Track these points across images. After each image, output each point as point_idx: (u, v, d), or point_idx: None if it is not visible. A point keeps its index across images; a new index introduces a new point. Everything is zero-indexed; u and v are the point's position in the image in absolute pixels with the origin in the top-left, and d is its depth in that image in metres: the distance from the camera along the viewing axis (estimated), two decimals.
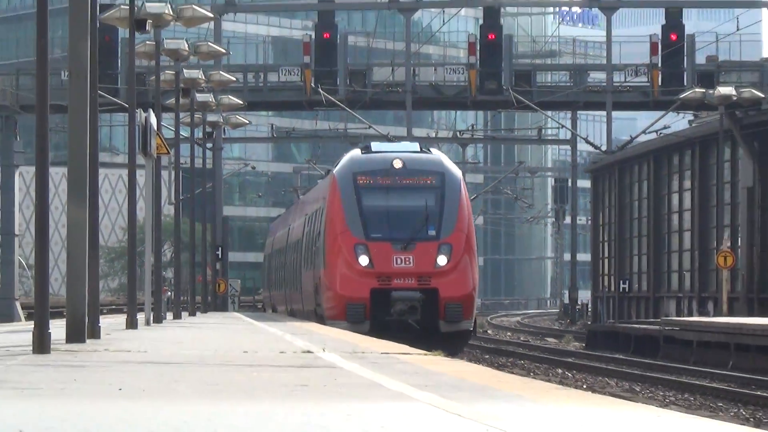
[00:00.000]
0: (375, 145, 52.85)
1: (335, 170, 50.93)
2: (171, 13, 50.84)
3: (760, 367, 58.89)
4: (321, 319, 54.66)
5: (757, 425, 37.63)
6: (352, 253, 46.76)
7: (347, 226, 48.37)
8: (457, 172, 50.95)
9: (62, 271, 33.99)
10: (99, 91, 37.76)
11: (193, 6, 57.59)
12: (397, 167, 47.18)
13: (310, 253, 60.58)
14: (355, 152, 56.80)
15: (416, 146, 54.71)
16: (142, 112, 52.06)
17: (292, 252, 77.49)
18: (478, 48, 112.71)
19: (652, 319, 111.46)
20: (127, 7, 46.32)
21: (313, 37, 77.85)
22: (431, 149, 56.82)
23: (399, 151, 50.96)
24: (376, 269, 47.05)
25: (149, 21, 48.85)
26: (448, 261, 44.48)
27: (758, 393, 51.53)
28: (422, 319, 47.01)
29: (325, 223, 51.48)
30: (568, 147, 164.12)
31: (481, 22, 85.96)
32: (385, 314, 45.58)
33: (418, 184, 48.32)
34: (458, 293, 43.99)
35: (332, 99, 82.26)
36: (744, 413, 44.07)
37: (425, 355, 35.83)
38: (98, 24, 36.85)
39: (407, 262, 46.51)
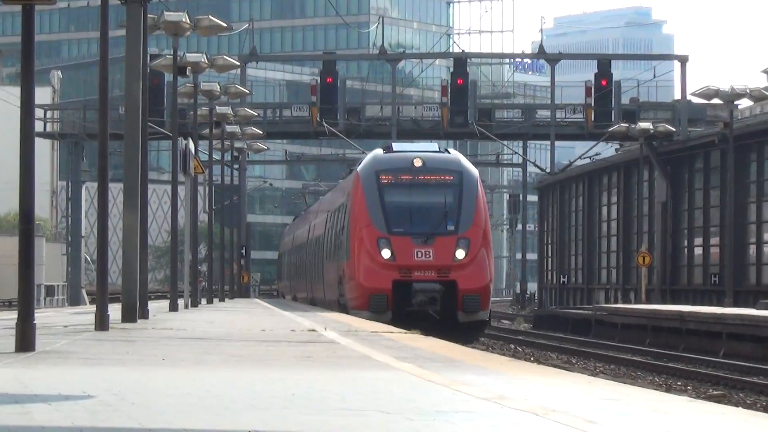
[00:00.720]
0: (396, 146, 51.67)
1: (359, 168, 48.03)
2: (206, 61, 51.29)
3: (671, 344, 61.38)
4: (344, 309, 49.91)
5: (668, 390, 38.76)
6: (375, 246, 43.50)
7: (370, 221, 44.95)
8: (473, 170, 48.98)
9: (119, 265, 33.84)
10: (148, 123, 38.02)
11: (224, 56, 58.26)
12: (417, 166, 44.57)
13: (333, 247, 57.60)
14: (378, 152, 54.21)
15: (435, 146, 53.78)
16: (182, 140, 52.37)
17: (313, 246, 72.75)
18: (449, 90, 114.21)
19: (586, 306, 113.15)
20: (171, 57, 46.71)
21: (319, 81, 78.97)
22: (449, 149, 55.72)
23: (419, 151, 49.02)
24: (397, 262, 43.81)
25: (189, 68, 49.06)
26: (466, 255, 41.59)
27: (670, 365, 53.80)
28: (441, 309, 43.46)
29: (349, 218, 47.88)
30: (520, 169, 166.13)
31: (451, 70, 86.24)
32: (406, 305, 41.74)
33: (437, 182, 45.77)
34: (475, 285, 40.87)
35: (333, 130, 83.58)
36: (658, 380, 45.54)
37: (405, 333, 35.25)
38: (148, 70, 37.10)
39: (427, 256, 43.44)
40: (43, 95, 69.76)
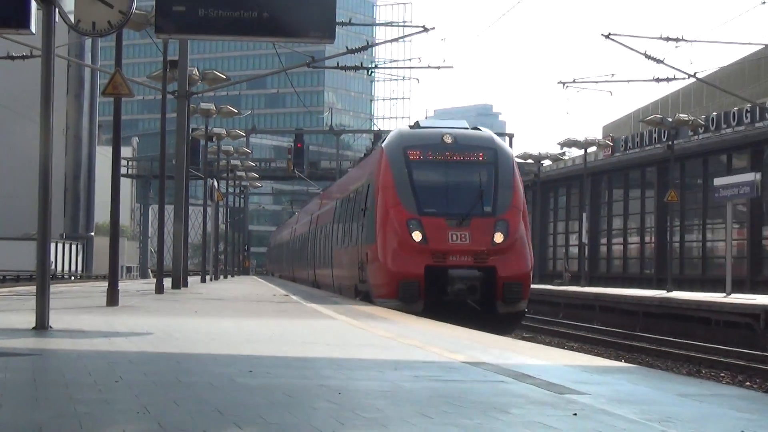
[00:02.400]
0: (423, 122, 37.17)
1: (384, 144, 34.28)
2: (225, 133, 52.32)
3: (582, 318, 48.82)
4: (366, 296, 34.62)
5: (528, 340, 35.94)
6: (405, 228, 30.43)
7: (399, 201, 31.17)
8: (508, 149, 35.29)
9: (171, 254, 33.58)
10: (189, 169, 38.85)
11: (236, 130, 58.71)
12: (447, 142, 32.05)
13: (349, 230, 38.64)
14: (404, 128, 37.53)
15: (464, 123, 37.40)
16: (210, 180, 52.82)
17: (316, 234, 50.49)
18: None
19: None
20: (204, 130, 46.87)
21: (293, 145, 76.54)
22: (479, 127, 38.06)
23: (449, 127, 34.91)
24: (430, 246, 30.27)
25: (214, 137, 49.43)
26: (505, 238, 29.81)
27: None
28: (479, 299, 30.13)
29: (375, 198, 33.22)
30: None
31: (372, 139, 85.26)
32: (440, 293, 29.62)
33: (470, 160, 32.54)
34: (517, 272, 29.50)
35: (301, 175, 76.85)
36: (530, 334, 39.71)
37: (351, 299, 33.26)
38: (189, 137, 38.13)
39: (463, 239, 30.20)
40: (125, 152, 70.52)
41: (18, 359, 9.91)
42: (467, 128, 30.65)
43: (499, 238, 26.22)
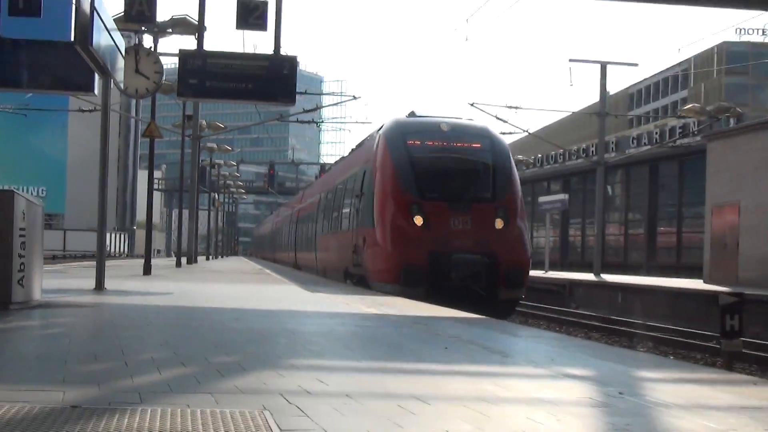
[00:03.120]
0: (419, 112, 25.62)
1: (382, 132, 22.38)
2: (222, 163, 51.91)
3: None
4: (360, 280, 22.04)
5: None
6: (407, 212, 19.61)
7: (400, 186, 20.07)
8: (503, 139, 24.50)
9: (186, 242, 33.06)
10: (199, 186, 38.43)
11: (230, 161, 58.59)
12: (445, 130, 22.31)
13: (342, 215, 26.44)
14: (400, 117, 24.99)
15: (459, 116, 25.70)
16: (212, 193, 52.39)
17: (302, 223, 39.56)
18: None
19: None
20: (208, 161, 46.60)
21: (268, 172, 74.34)
22: (472, 119, 25.80)
23: (445, 117, 24.20)
24: (432, 231, 19.34)
25: (216, 165, 49.06)
26: (506, 224, 20.10)
27: None
28: (482, 285, 19.46)
29: (375, 184, 21.10)
30: None
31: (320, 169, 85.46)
32: (443, 279, 18.71)
33: (467, 148, 22.40)
34: (519, 258, 19.93)
35: (273, 191, 74.29)
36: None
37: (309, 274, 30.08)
38: (199, 165, 37.75)
39: (465, 224, 19.89)
40: (157, 174, 69.61)
41: (82, 309, 9.84)
42: (461, 119, 22.88)
43: (499, 224, 19.11)
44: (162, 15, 20.78)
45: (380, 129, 20.37)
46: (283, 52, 12.86)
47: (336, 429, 3.84)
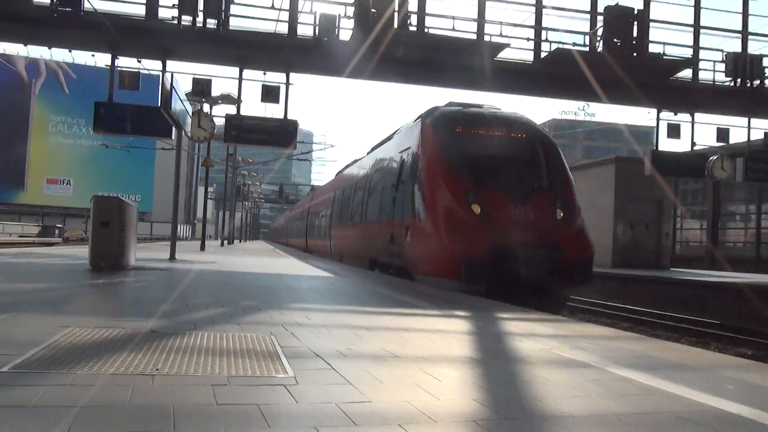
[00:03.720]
0: (455, 102, 11.38)
1: (428, 120, 9.21)
2: (251, 184, 50.37)
3: None
4: (400, 271, 9.35)
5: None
6: (464, 200, 7.53)
7: (454, 173, 7.87)
8: (545, 130, 10.60)
9: (228, 231, 32.08)
10: (237, 197, 37.59)
11: (257, 183, 57.33)
12: (490, 119, 9.74)
13: (366, 207, 12.51)
14: (441, 106, 10.96)
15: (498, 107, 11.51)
16: (245, 202, 51.40)
17: (315, 217, 25.10)
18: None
19: None
20: (242, 182, 45.75)
21: (279, 189, 69.31)
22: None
23: (487, 107, 11.03)
24: (492, 221, 7.41)
25: (248, 185, 47.90)
26: (566, 215, 8.00)
27: None
28: (547, 279, 7.67)
29: (422, 171, 8.42)
30: None
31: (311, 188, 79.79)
32: (506, 273, 7.14)
33: (515, 137, 9.54)
34: (584, 250, 7.70)
35: (281, 201, 65.07)
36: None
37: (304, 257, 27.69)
38: (236, 185, 36.93)
39: (526, 214, 7.75)
40: (210, 190, 67.94)
41: (160, 271, 9.51)
42: (500, 109, 12.73)
43: (560, 214, 10.34)
44: (215, 92, 20.52)
45: (422, 118, 12.28)
46: (289, 116, 12.85)
47: (313, 345, 3.84)
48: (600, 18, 12.48)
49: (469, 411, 2.61)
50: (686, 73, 13.20)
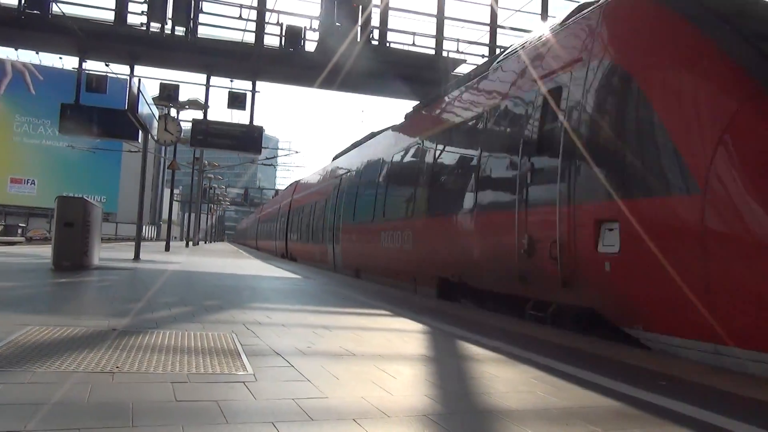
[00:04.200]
0: None
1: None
2: (217, 187, 49.69)
3: None
4: (539, 306, 3.43)
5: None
6: None
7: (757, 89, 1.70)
8: None
9: (193, 232, 30.96)
10: (203, 199, 36.91)
11: (222, 186, 56.77)
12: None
13: (436, 196, 5.05)
14: None
15: None
16: (211, 204, 50.50)
17: (316, 210, 14.44)
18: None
19: None
20: (209, 185, 44.98)
21: (244, 191, 67.58)
22: None
23: None
24: None
25: (213, 188, 47.11)
26: None
27: None
28: None
29: (653, 103, 2.15)
30: None
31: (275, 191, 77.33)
32: None
33: None
34: None
35: (246, 204, 62.91)
36: None
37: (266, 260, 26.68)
38: (202, 187, 36.32)
39: None
40: (176, 192, 65.99)
41: (124, 271, 9.28)
42: None
43: None
44: (182, 97, 20.10)
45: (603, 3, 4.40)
46: (255, 122, 12.72)
47: (273, 343, 3.80)
48: None
49: (421, 406, 2.62)
50: None
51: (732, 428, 2.32)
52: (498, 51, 10.71)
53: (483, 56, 12.59)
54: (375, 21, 12.06)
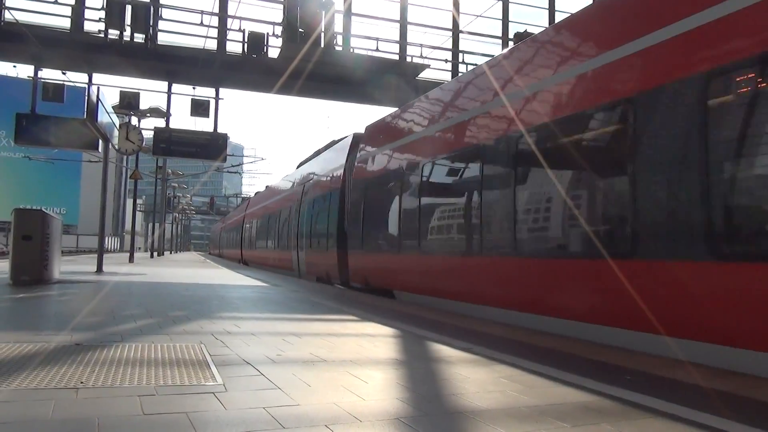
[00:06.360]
0: None
1: None
2: (182, 196, 49.01)
3: None
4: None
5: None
6: None
7: None
8: None
9: (158, 242, 30.55)
10: (167, 209, 36.44)
11: (187, 195, 55.91)
12: None
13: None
14: None
15: None
16: (176, 214, 49.76)
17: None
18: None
19: None
20: (173, 194, 44.34)
21: (209, 200, 68.94)
22: None
23: None
24: None
25: (178, 197, 46.49)
26: None
27: None
28: None
29: None
30: None
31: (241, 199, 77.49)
32: None
33: None
34: None
35: (212, 213, 62.83)
36: None
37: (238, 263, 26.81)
38: (166, 196, 35.79)
39: None
40: (139, 202, 64.35)
41: (87, 284, 9.08)
42: None
43: None
44: (143, 105, 19.76)
45: None
46: (219, 130, 12.55)
47: (243, 352, 3.78)
48: (511, 43, 13.18)
49: (393, 410, 2.63)
50: None
51: (693, 418, 2.59)
52: (460, 57, 12.69)
53: (446, 61, 12.78)
54: (338, 27, 12.14)
